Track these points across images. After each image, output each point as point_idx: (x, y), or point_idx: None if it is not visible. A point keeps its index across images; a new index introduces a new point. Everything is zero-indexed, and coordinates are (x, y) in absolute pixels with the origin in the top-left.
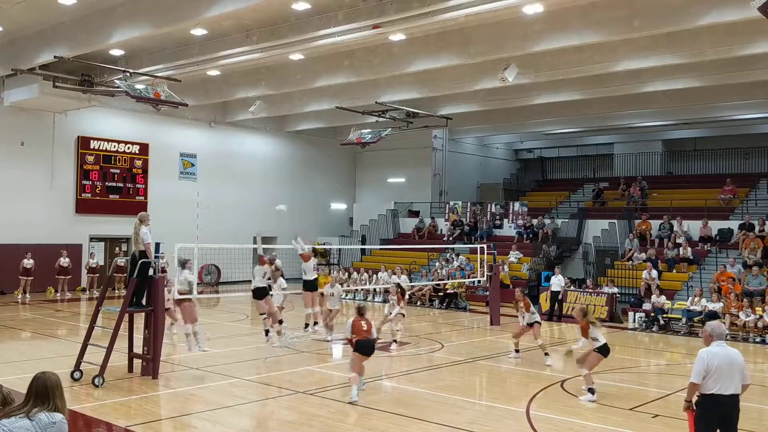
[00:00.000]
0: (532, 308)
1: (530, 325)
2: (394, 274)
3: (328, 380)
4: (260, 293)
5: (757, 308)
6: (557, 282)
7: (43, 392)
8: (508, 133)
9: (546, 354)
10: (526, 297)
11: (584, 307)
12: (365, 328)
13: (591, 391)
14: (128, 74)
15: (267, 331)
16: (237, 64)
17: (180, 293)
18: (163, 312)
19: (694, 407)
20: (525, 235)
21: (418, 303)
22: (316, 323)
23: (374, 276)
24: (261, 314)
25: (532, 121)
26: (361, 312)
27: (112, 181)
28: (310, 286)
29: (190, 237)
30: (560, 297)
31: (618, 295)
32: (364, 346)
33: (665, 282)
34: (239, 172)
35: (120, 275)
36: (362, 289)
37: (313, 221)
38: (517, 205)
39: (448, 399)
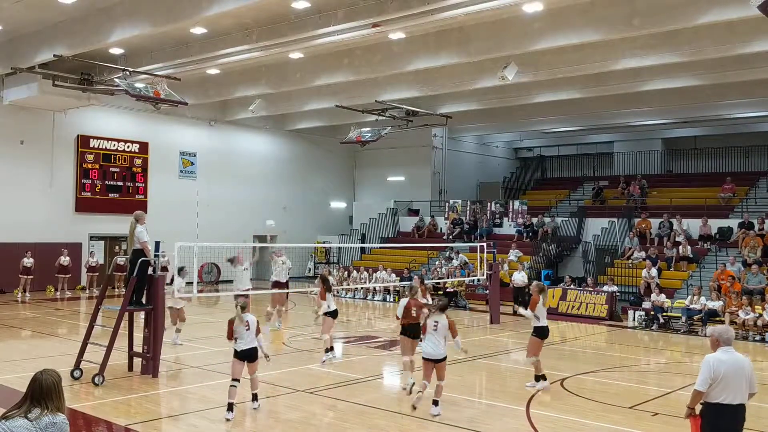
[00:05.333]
0: (328, 296)
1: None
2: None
3: (327, 379)
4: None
5: (756, 307)
6: (520, 278)
7: (42, 392)
8: (508, 131)
9: (328, 350)
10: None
11: (542, 284)
12: (414, 314)
13: (543, 378)
14: (128, 73)
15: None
16: (237, 62)
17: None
18: (163, 310)
19: (698, 415)
20: (525, 234)
21: None
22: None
23: (374, 275)
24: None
25: (532, 120)
26: (413, 292)
27: (111, 180)
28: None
29: (190, 236)
30: (526, 292)
31: (618, 294)
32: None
33: (665, 280)
34: (239, 170)
35: (120, 274)
36: (362, 288)
37: (312, 220)
38: (516, 203)
39: (448, 397)
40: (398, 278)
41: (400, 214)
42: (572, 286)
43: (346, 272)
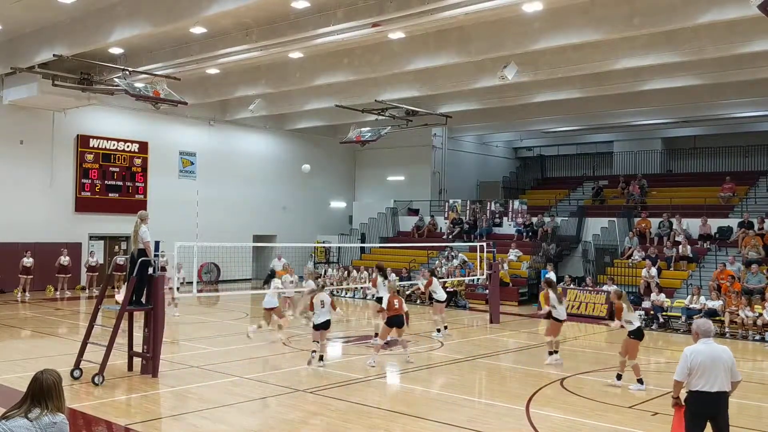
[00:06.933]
0: (379, 283)
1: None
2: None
3: (327, 379)
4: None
5: (756, 306)
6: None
7: (42, 392)
8: (508, 131)
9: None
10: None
11: (619, 290)
12: (397, 306)
13: (640, 381)
14: (127, 73)
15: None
16: (236, 62)
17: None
18: (163, 310)
19: (683, 403)
20: (524, 234)
21: (418, 301)
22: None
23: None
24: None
25: (532, 120)
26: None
27: (111, 180)
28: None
29: (190, 235)
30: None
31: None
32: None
33: (665, 280)
34: (239, 170)
35: (120, 274)
36: (362, 288)
37: (312, 219)
38: (516, 203)
39: (448, 397)
40: (397, 278)
41: (400, 214)
42: (572, 286)
43: (345, 272)
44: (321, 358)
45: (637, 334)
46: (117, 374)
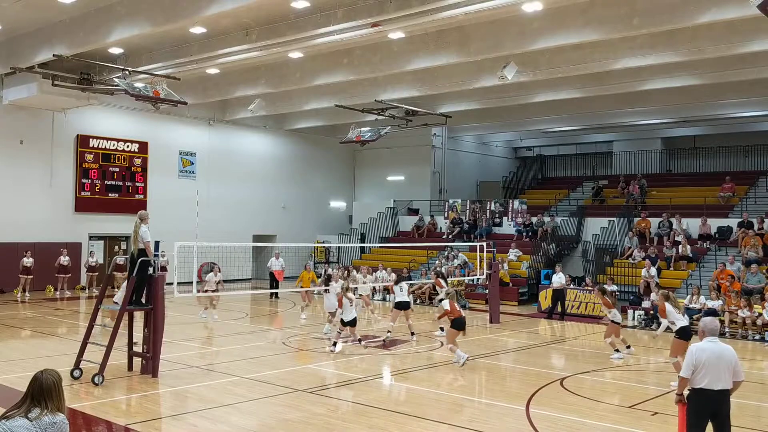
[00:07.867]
0: (395, 288)
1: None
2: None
3: (327, 378)
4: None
5: (756, 306)
6: (558, 280)
7: (42, 392)
8: (508, 131)
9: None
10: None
11: (666, 291)
12: (459, 308)
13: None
14: (127, 72)
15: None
16: (236, 62)
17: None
18: (163, 310)
19: (686, 400)
20: (524, 233)
21: (418, 301)
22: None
23: (374, 274)
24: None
25: (532, 119)
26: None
27: (111, 180)
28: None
29: (190, 235)
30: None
31: (617, 293)
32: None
33: (664, 280)
34: (239, 170)
35: (119, 274)
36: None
37: (312, 219)
38: (516, 203)
39: (448, 397)
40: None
41: (400, 214)
42: (572, 286)
43: (345, 272)
44: (334, 344)
45: (681, 334)
46: (117, 374)
